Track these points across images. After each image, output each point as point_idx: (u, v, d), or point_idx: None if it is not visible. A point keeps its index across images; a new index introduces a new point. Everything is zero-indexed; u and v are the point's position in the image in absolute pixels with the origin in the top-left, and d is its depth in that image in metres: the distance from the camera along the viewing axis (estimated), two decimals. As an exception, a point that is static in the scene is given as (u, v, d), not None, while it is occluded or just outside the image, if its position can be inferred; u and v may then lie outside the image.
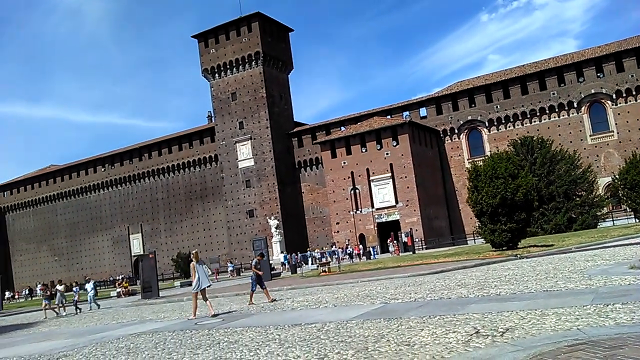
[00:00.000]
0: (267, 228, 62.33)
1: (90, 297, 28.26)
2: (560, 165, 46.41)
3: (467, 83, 65.77)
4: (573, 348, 5.77)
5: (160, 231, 79.16)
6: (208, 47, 71.77)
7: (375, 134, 59.19)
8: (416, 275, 20.35)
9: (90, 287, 29.02)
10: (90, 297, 28.29)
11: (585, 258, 17.96)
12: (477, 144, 62.87)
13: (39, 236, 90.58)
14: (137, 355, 9.95)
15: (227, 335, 10.95)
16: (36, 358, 11.45)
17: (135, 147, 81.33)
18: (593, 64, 57.19)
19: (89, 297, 28.39)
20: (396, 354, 6.98)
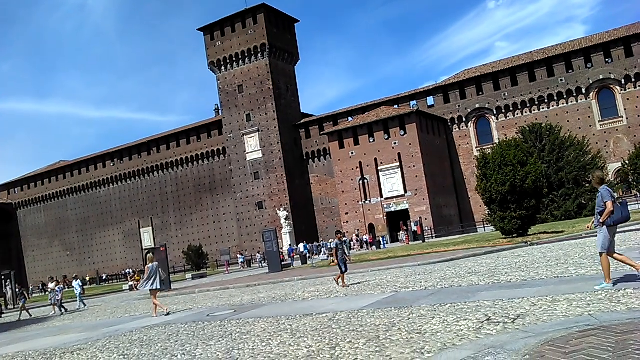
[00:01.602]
0: (277, 219, 62.46)
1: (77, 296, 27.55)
2: (569, 151, 46.20)
3: (475, 71, 65.44)
4: (585, 334, 5.77)
5: (170, 224, 79.51)
6: (214, 40, 71.72)
7: (382, 123, 59.08)
8: (426, 264, 20.35)
9: (78, 285, 28.31)
10: (77, 295, 27.59)
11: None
12: (485, 131, 62.63)
13: (51, 231, 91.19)
14: (150, 347, 10.03)
15: (239, 326, 11.01)
16: (51, 351, 11.57)
17: (144, 142, 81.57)
18: (601, 49, 56.73)
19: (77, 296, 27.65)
20: (407, 342, 7.01)
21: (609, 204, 8.95)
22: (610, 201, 8.97)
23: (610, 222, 9.06)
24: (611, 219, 9.03)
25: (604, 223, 9.07)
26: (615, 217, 9.02)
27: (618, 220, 9.15)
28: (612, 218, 9.02)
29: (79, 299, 27.18)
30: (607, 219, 9.02)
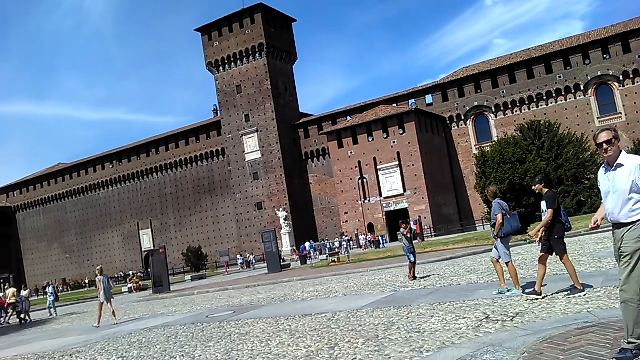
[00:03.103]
0: (276, 220, 62.44)
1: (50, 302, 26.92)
2: (568, 148, 46.23)
3: (473, 69, 65.45)
4: (583, 331, 5.76)
5: (169, 226, 79.48)
6: (212, 41, 71.70)
7: (381, 122, 59.07)
8: (425, 263, 20.35)
9: (50, 292, 27.62)
10: (50, 302, 26.96)
11: (595, 241, 17.90)
12: (484, 129, 62.64)
13: (50, 234, 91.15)
14: (149, 349, 10.02)
15: (238, 327, 11.00)
16: (50, 355, 11.55)
17: (143, 143, 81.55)
18: (599, 45, 56.74)
19: (49, 303, 27.03)
20: (406, 341, 7.00)
21: (499, 217, 9.51)
22: (500, 214, 9.53)
23: (502, 234, 9.64)
24: (502, 231, 9.60)
25: (498, 235, 9.63)
26: (505, 229, 9.62)
27: (508, 232, 9.75)
28: (503, 230, 9.59)
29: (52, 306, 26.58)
30: (499, 231, 9.58)
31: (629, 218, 4.67)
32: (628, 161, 4.70)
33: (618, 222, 4.75)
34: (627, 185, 4.64)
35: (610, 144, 4.75)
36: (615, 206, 4.73)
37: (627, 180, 4.65)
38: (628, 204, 4.65)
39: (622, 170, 4.70)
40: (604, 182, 4.89)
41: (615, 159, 4.77)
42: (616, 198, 4.72)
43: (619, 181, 4.71)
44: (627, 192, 4.65)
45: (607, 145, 4.75)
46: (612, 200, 4.76)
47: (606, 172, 4.85)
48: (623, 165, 4.71)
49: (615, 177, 4.75)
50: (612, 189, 4.76)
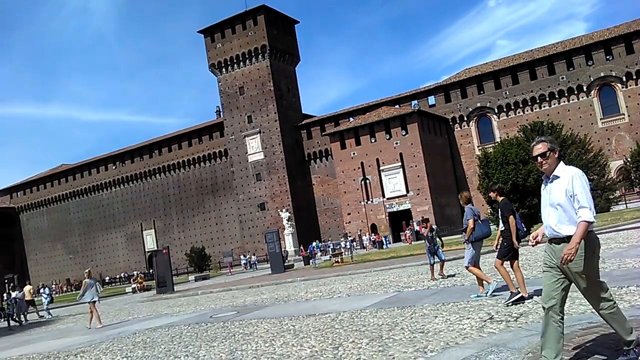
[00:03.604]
0: (279, 220, 62.50)
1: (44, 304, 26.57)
2: (571, 149, 46.06)
3: (476, 70, 65.42)
4: (587, 331, 5.78)
5: (173, 226, 79.57)
6: (214, 42, 71.79)
7: (384, 123, 59.08)
8: (429, 264, 20.31)
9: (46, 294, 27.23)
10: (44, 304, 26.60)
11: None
12: (486, 130, 62.61)
13: (54, 235, 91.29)
14: (153, 349, 10.05)
15: (242, 327, 11.02)
16: (55, 355, 11.59)
17: (146, 144, 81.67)
18: (602, 46, 56.68)
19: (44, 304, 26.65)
20: (410, 341, 7.01)
21: (470, 222, 9.86)
22: (472, 219, 9.89)
23: (473, 239, 9.96)
24: (473, 236, 9.93)
25: (469, 239, 9.96)
26: (476, 234, 9.92)
27: (479, 237, 10.04)
28: (474, 235, 9.91)
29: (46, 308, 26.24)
30: (470, 235, 9.91)
31: (563, 233, 4.51)
32: (564, 173, 4.56)
33: (555, 237, 4.59)
34: (563, 198, 4.50)
35: (545, 157, 4.62)
36: (552, 219, 4.58)
37: (563, 192, 4.50)
38: (565, 217, 4.50)
39: (558, 182, 4.56)
40: (543, 194, 4.74)
41: (552, 171, 4.63)
42: (554, 211, 4.57)
43: (555, 194, 4.56)
44: (563, 205, 4.50)
45: (542, 159, 4.63)
46: (549, 213, 4.62)
47: (545, 184, 4.72)
48: (559, 177, 4.58)
49: (552, 190, 4.61)
50: (549, 202, 4.62)
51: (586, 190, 4.45)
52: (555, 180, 4.58)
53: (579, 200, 4.40)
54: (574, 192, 4.42)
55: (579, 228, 4.35)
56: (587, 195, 4.42)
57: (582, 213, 4.37)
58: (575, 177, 4.47)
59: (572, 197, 4.43)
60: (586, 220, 4.34)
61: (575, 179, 4.46)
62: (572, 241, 4.35)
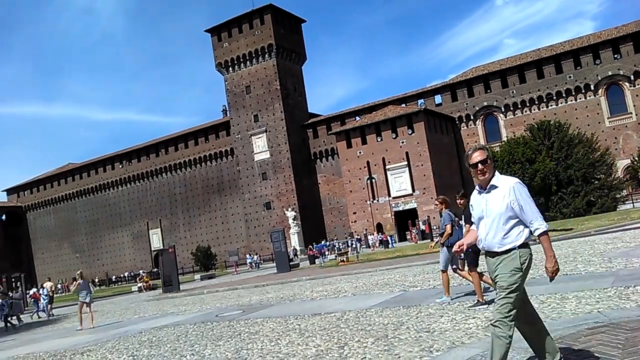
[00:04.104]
0: (285, 219, 62.53)
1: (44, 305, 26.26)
2: (578, 148, 45.84)
3: (482, 69, 65.25)
4: (594, 331, 5.74)
5: (179, 225, 79.74)
6: (221, 41, 71.87)
7: (390, 122, 59.01)
8: (435, 263, 20.27)
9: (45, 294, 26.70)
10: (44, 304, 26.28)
11: (605, 241, 17.79)
12: (493, 129, 62.45)
13: (60, 234, 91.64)
14: (159, 347, 10.06)
15: (247, 326, 11.03)
16: (61, 353, 11.63)
17: (152, 143, 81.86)
18: (610, 45, 56.43)
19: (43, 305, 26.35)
20: (416, 340, 7.00)
21: (447, 227, 10.12)
22: (449, 224, 10.15)
23: (448, 244, 10.11)
24: (449, 241, 10.12)
25: (444, 244, 10.19)
26: (452, 239, 10.06)
27: (454, 242, 9.88)
28: (450, 240, 10.10)
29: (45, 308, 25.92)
30: (446, 240, 10.15)
31: (503, 246, 4.25)
32: (503, 183, 4.30)
33: (491, 250, 4.34)
34: (502, 209, 4.22)
35: (486, 163, 4.31)
36: (489, 232, 4.31)
37: (502, 203, 4.22)
38: (502, 230, 4.24)
39: (496, 193, 4.28)
40: (477, 205, 4.44)
41: (489, 181, 4.35)
42: (489, 223, 4.30)
43: (492, 204, 4.28)
44: (501, 217, 4.23)
45: (482, 166, 4.32)
46: (486, 225, 4.34)
47: (480, 195, 4.42)
48: (497, 187, 4.30)
49: (488, 200, 4.32)
50: (486, 213, 4.33)
51: (531, 200, 4.22)
52: (493, 190, 4.31)
53: (527, 212, 4.17)
54: (519, 204, 4.18)
55: (544, 241, 4.19)
56: (533, 206, 4.20)
57: (537, 225, 4.17)
58: (517, 188, 4.23)
59: (520, 209, 4.18)
60: (545, 230, 4.17)
61: (518, 189, 4.22)
62: (548, 257, 4.20)
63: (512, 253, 4.22)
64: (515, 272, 4.19)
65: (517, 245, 4.22)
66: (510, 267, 4.20)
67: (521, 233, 4.24)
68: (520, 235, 4.24)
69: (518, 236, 4.23)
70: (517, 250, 4.22)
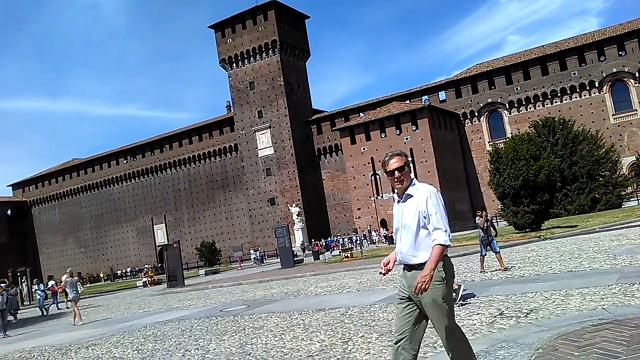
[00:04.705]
0: (289, 215, 62.54)
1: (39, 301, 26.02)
2: (582, 145, 45.81)
3: (487, 65, 65.08)
4: (598, 327, 5.75)
5: (183, 221, 79.87)
6: (225, 37, 71.82)
7: (394, 119, 58.93)
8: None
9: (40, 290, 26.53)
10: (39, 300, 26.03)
11: (610, 238, 17.79)
12: (497, 126, 62.31)
13: (65, 228, 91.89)
14: (164, 342, 10.11)
15: (252, 321, 11.07)
16: (67, 347, 11.70)
17: (156, 139, 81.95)
18: (615, 42, 56.17)
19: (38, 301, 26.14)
20: (420, 336, 7.01)
21: None
22: None
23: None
24: None
25: None
26: None
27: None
28: None
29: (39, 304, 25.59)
30: None
31: (416, 259, 4.02)
32: (418, 192, 4.07)
33: (407, 264, 4.11)
34: (416, 220, 4.00)
35: (402, 171, 4.12)
36: (404, 244, 4.09)
37: (416, 213, 4.00)
38: (417, 241, 4.02)
39: (411, 202, 4.07)
40: (395, 215, 4.22)
41: (405, 189, 4.14)
42: (405, 235, 4.07)
43: (407, 215, 4.06)
44: (415, 228, 4.00)
45: (399, 173, 4.12)
46: (401, 237, 4.12)
47: (398, 204, 4.20)
48: (412, 196, 4.08)
49: (404, 211, 4.10)
50: (402, 224, 4.11)
51: (441, 209, 3.99)
52: (409, 199, 4.10)
53: (433, 221, 3.94)
54: (428, 213, 3.96)
55: (434, 252, 3.91)
56: (442, 215, 3.98)
57: (436, 235, 3.92)
58: (430, 196, 4.00)
59: (427, 218, 3.96)
60: (441, 243, 3.90)
61: (430, 197, 3.99)
62: (426, 267, 3.89)
63: None
64: (438, 284, 3.97)
65: None
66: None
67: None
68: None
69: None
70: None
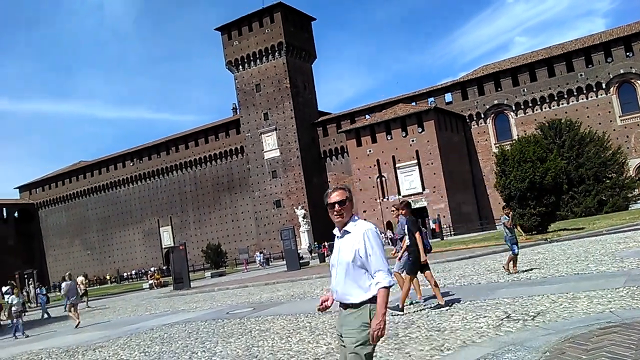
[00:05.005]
0: (295, 218, 62.59)
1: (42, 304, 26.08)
2: (589, 147, 45.62)
3: (493, 67, 64.94)
4: (606, 331, 5.74)
5: (189, 223, 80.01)
6: (231, 40, 71.98)
7: (400, 121, 58.86)
8: (445, 262, 20.29)
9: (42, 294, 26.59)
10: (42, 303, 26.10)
11: (617, 240, 17.72)
12: (504, 128, 62.13)
13: (72, 231, 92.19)
14: (171, 344, 10.13)
15: (258, 323, 11.08)
16: (74, 349, 11.74)
17: (163, 141, 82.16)
18: (622, 43, 55.95)
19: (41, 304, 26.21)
20: (427, 339, 7.01)
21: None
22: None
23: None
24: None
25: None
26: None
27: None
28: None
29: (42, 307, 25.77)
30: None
31: (351, 298, 3.89)
32: (356, 228, 3.95)
33: (342, 302, 3.97)
34: (351, 257, 3.86)
35: (343, 205, 4.01)
36: (339, 282, 3.96)
37: (352, 251, 3.87)
38: (352, 280, 3.88)
39: (348, 238, 3.94)
40: (334, 250, 4.10)
41: (345, 224, 4.01)
42: (340, 272, 3.94)
43: (343, 252, 3.93)
44: (351, 266, 3.87)
45: (340, 207, 4.00)
46: (337, 274, 3.99)
47: (337, 240, 4.07)
48: (350, 232, 3.96)
49: (341, 247, 3.98)
50: (338, 261, 3.98)
51: (381, 249, 3.90)
52: (347, 235, 3.98)
53: (373, 261, 3.83)
54: (367, 252, 3.84)
55: (380, 296, 3.79)
56: (382, 255, 3.88)
57: (379, 278, 3.81)
58: (368, 235, 3.88)
59: (366, 257, 3.84)
60: (385, 286, 3.79)
61: (368, 236, 3.88)
62: (377, 314, 3.78)
63: (363, 307, 3.85)
64: (365, 327, 3.83)
65: (368, 298, 3.85)
66: (359, 322, 3.84)
67: (373, 285, 3.86)
68: (372, 287, 3.85)
69: (370, 287, 3.85)
70: (369, 304, 3.84)
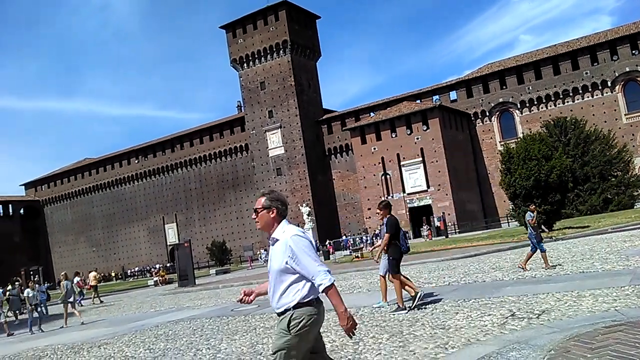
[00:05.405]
0: (299, 215, 62.51)
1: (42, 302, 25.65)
2: (594, 145, 45.52)
3: (498, 65, 64.79)
4: (611, 329, 5.73)
5: (194, 220, 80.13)
6: (236, 38, 72.00)
7: (405, 119, 58.82)
8: (449, 259, 20.27)
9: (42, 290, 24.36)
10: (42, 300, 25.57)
11: (622, 239, 17.67)
12: (509, 126, 62.00)
13: (77, 228, 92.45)
14: (175, 341, 10.16)
15: (263, 321, 11.10)
16: (79, 345, 11.78)
17: (168, 139, 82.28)
18: (628, 41, 55.72)
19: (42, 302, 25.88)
20: (431, 337, 7.02)
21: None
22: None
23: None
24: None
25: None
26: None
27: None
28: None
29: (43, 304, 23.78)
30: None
31: (280, 306, 3.83)
32: (284, 235, 3.87)
33: (274, 309, 3.92)
34: (279, 265, 3.81)
35: (256, 213, 4.01)
36: (271, 289, 3.91)
37: (280, 258, 3.81)
38: (280, 289, 3.83)
39: (277, 246, 3.88)
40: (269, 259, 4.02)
41: (271, 232, 3.95)
42: (271, 281, 3.90)
43: (274, 259, 3.88)
44: (279, 274, 3.82)
45: (254, 214, 4.02)
46: (270, 283, 3.93)
47: (270, 248, 3.99)
48: (278, 240, 3.89)
49: (272, 255, 3.91)
50: (269, 269, 3.93)
51: (310, 251, 3.79)
52: (276, 243, 3.92)
53: (308, 267, 3.74)
54: (298, 259, 3.74)
55: (330, 296, 3.72)
56: (312, 258, 3.77)
57: (320, 280, 3.71)
58: (293, 241, 3.79)
59: (298, 264, 3.75)
60: (328, 285, 3.69)
61: (292, 244, 3.78)
62: (338, 315, 3.75)
63: (284, 315, 3.80)
64: (283, 334, 3.76)
65: (291, 306, 3.78)
66: (278, 329, 3.81)
67: (299, 291, 3.79)
68: (297, 294, 3.78)
69: (295, 295, 3.79)
70: (292, 310, 3.77)
